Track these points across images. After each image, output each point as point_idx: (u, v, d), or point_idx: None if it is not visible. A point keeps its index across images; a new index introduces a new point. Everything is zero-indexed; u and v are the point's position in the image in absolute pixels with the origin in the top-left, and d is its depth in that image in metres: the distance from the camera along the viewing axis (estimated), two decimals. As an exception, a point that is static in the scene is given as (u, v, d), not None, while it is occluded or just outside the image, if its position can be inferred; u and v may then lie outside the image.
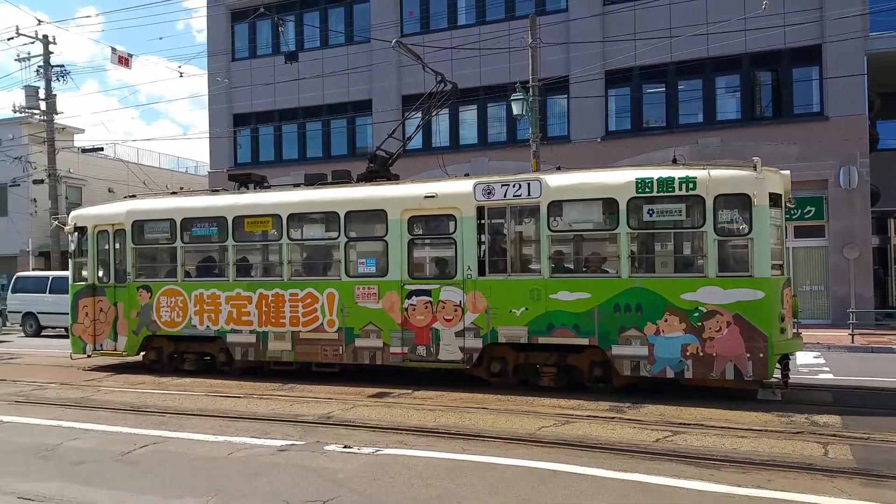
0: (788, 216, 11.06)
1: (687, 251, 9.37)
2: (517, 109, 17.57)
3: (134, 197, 13.48)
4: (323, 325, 10.70)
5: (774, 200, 8.77)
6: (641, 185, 8.92)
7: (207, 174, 27.72)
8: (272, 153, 26.00)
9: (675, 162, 9.51)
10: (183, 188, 16.07)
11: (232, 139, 26.33)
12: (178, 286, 11.75)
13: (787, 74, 19.41)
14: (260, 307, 11.12)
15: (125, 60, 24.62)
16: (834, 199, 18.52)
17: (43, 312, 21.30)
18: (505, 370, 9.95)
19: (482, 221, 9.86)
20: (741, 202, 8.62)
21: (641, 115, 21.02)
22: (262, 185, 12.51)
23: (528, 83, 17.77)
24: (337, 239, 10.72)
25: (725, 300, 8.54)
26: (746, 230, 8.59)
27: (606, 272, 9.39)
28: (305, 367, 11.16)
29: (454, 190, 10.06)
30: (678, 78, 20.33)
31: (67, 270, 14.00)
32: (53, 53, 25.58)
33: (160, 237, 12.20)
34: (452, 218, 9.97)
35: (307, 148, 25.42)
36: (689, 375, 8.77)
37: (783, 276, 8.95)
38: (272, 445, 6.95)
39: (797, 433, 7.15)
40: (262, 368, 11.67)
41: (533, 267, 9.80)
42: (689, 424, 7.57)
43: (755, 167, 8.61)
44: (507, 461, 6.19)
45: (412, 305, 10.13)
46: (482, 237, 9.90)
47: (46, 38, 25.35)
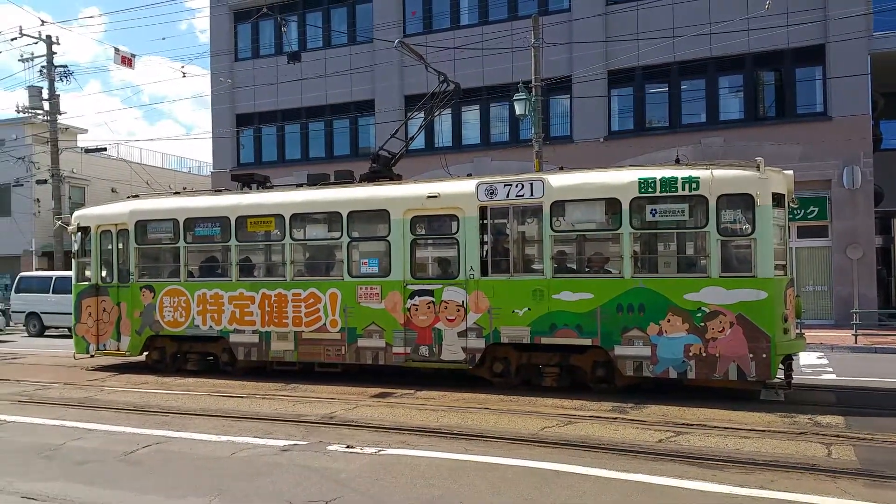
0: (792, 216, 11.07)
1: (690, 251, 9.36)
2: (520, 109, 17.56)
3: (137, 197, 13.52)
4: (326, 325, 10.71)
5: (777, 200, 8.76)
6: (644, 185, 8.91)
7: (210, 174, 27.74)
8: (275, 153, 26.03)
9: (678, 162, 9.50)
10: (186, 188, 16.08)
11: (235, 139, 26.36)
12: (181, 286, 11.77)
13: (790, 74, 19.38)
14: (263, 307, 11.14)
15: (128, 61, 24.67)
16: (837, 199, 18.49)
17: (46, 312, 21.35)
18: (507, 370, 9.95)
19: (485, 221, 9.86)
20: (744, 202, 8.61)
21: (644, 115, 21.00)
22: (264, 185, 12.53)
23: (530, 83, 17.77)
24: (339, 239, 10.73)
25: (728, 300, 8.53)
26: (749, 230, 8.58)
27: (609, 272, 9.38)
28: (308, 367, 11.18)
29: (457, 190, 10.06)
30: (681, 78, 20.31)
31: (71, 270, 14.01)
32: (57, 54, 25.67)
33: (163, 237, 12.22)
34: (455, 218, 9.97)
35: (310, 148, 25.44)
36: (692, 376, 8.77)
37: (786, 276, 8.93)
38: (275, 445, 6.96)
39: (800, 434, 7.14)
40: (264, 368, 11.69)
41: (535, 267, 9.79)
42: (692, 425, 7.57)
43: (758, 167, 8.59)
44: (509, 461, 6.19)
45: (415, 305, 10.13)
46: (485, 237, 9.89)
47: (50, 38, 25.41)
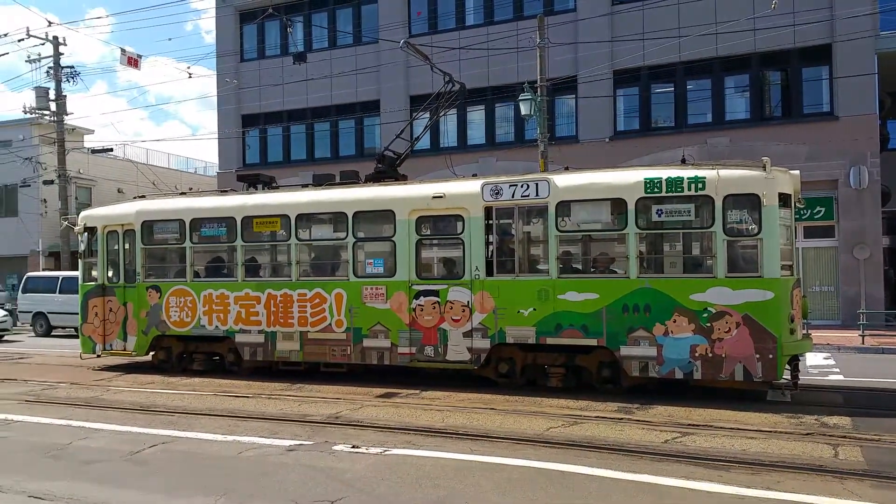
0: (798, 216, 11.02)
1: (696, 251, 9.33)
2: (525, 109, 17.56)
3: (143, 197, 13.54)
4: (331, 325, 10.72)
5: (784, 200, 8.73)
6: (650, 185, 8.89)
7: (216, 175, 27.82)
8: (280, 154, 26.09)
9: (683, 162, 9.48)
10: (192, 189, 16.12)
11: (240, 140, 26.42)
12: (187, 286, 11.80)
13: (796, 74, 19.31)
14: (268, 307, 11.15)
15: (134, 61, 24.72)
16: (844, 199, 18.42)
17: (53, 312, 21.42)
18: (513, 371, 9.94)
19: (490, 222, 9.85)
20: (750, 202, 8.58)
21: (650, 115, 20.97)
22: (270, 185, 12.55)
23: (536, 83, 17.75)
24: (345, 239, 10.74)
25: (735, 301, 8.50)
26: (756, 230, 8.55)
27: (615, 272, 9.36)
28: (314, 367, 11.19)
29: (462, 190, 10.06)
30: (687, 78, 20.26)
31: (77, 270, 14.06)
32: (63, 55, 25.73)
33: (169, 237, 12.26)
34: (460, 218, 9.97)
35: (315, 148, 25.48)
36: (698, 376, 8.75)
37: (793, 276, 8.90)
38: (281, 445, 6.97)
39: (807, 434, 7.11)
40: (270, 368, 11.71)
41: (541, 267, 9.78)
42: (698, 425, 7.55)
43: (764, 167, 8.57)
44: (515, 462, 6.19)
45: (420, 306, 10.14)
46: (490, 237, 9.89)
47: (56, 39, 25.50)
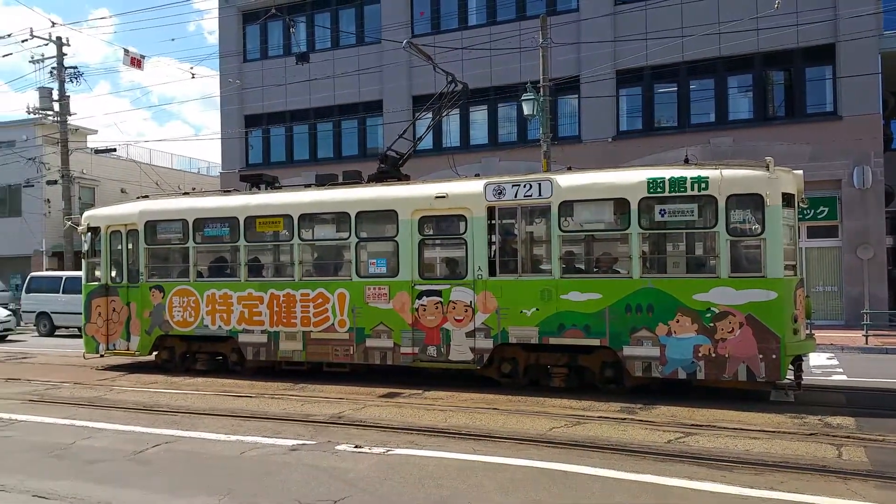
0: (801, 216, 11.00)
1: (699, 251, 9.32)
2: (528, 109, 17.55)
3: (146, 197, 13.57)
4: (334, 325, 10.73)
5: (787, 200, 8.72)
6: (653, 185, 8.88)
7: (219, 175, 27.85)
8: (283, 154, 26.09)
9: (686, 162, 9.47)
10: (195, 189, 16.16)
11: (243, 140, 26.44)
12: (190, 286, 11.82)
13: (799, 74, 19.27)
14: (271, 307, 11.16)
15: (138, 62, 24.76)
16: (847, 199, 18.38)
17: (56, 312, 21.46)
18: (515, 371, 9.94)
19: (493, 222, 9.85)
20: (754, 202, 8.57)
21: (653, 114, 20.93)
22: (273, 185, 12.57)
23: (538, 83, 17.74)
24: (348, 239, 10.74)
25: (738, 301, 8.49)
26: (759, 230, 8.54)
27: (618, 272, 9.36)
28: (317, 366, 11.20)
29: (465, 190, 10.06)
30: (690, 77, 20.22)
31: (80, 270, 14.09)
32: (67, 55, 25.78)
33: (172, 237, 12.27)
34: (463, 218, 9.96)
35: (318, 148, 25.49)
36: (701, 376, 8.73)
37: (796, 276, 8.89)
38: (284, 445, 6.98)
39: (810, 435, 7.10)
40: (273, 368, 11.72)
41: (544, 267, 9.77)
42: (701, 426, 7.54)
43: (768, 167, 8.56)
44: (517, 462, 6.18)
45: (423, 306, 10.14)
46: (493, 237, 9.88)
47: (60, 39, 25.54)
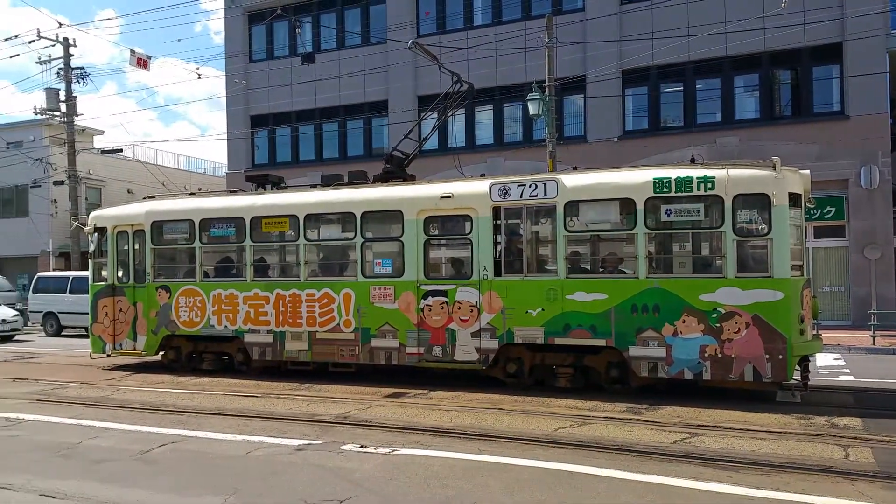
0: (808, 216, 10.97)
1: (705, 252, 9.30)
2: (533, 109, 17.52)
3: (153, 198, 13.60)
4: (339, 325, 10.74)
5: (794, 200, 8.69)
6: (659, 185, 8.86)
7: (225, 175, 27.90)
8: (289, 154, 26.12)
9: (693, 162, 9.45)
10: (201, 189, 16.16)
11: (249, 140, 26.49)
12: (196, 286, 11.85)
13: (806, 73, 19.20)
14: (277, 307, 11.19)
15: (144, 62, 24.82)
16: (854, 198, 18.30)
17: (63, 312, 21.53)
18: (521, 371, 9.93)
19: (498, 222, 9.84)
20: (760, 202, 8.55)
21: (659, 114, 20.88)
22: (279, 185, 12.59)
23: (544, 83, 17.71)
24: (353, 239, 10.75)
25: (744, 301, 8.46)
26: (765, 230, 8.52)
27: (623, 273, 9.34)
28: (322, 366, 11.22)
29: (470, 190, 10.05)
30: (696, 77, 20.17)
31: (87, 271, 14.13)
32: (73, 56, 25.84)
33: (179, 238, 12.31)
34: (468, 218, 9.96)
35: (324, 149, 25.51)
36: (707, 377, 8.71)
37: (803, 276, 8.86)
38: (290, 445, 6.99)
39: (817, 435, 7.08)
40: (279, 368, 11.74)
41: (549, 267, 9.76)
42: (707, 426, 7.52)
43: (774, 167, 8.53)
44: (523, 462, 6.18)
45: (428, 306, 10.14)
46: (498, 237, 9.88)
47: (67, 40, 25.63)
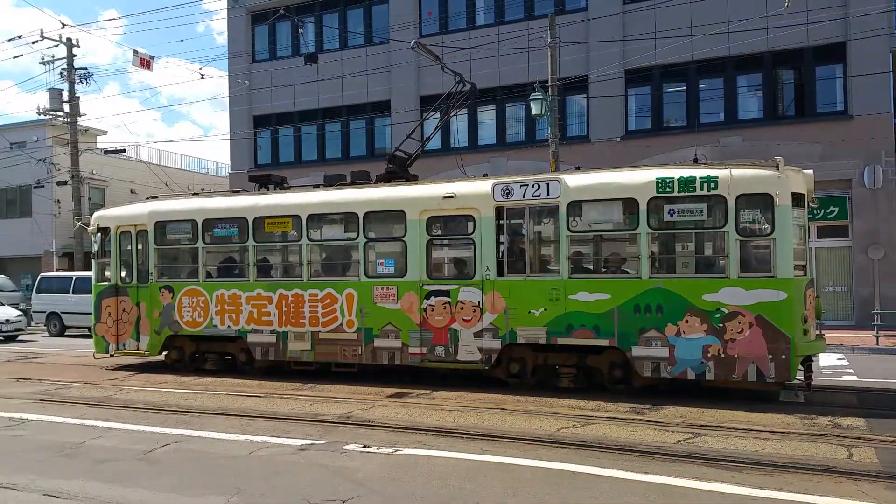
0: (811, 216, 10.93)
1: (708, 251, 9.29)
2: (536, 109, 17.51)
3: (156, 198, 13.62)
4: (342, 325, 10.75)
5: (797, 200, 8.67)
6: (662, 184, 8.85)
7: (228, 175, 27.94)
8: (292, 154, 26.15)
9: (696, 161, 9.43)
10: (204, 189, 16.18)
11: (252, 140, 26.53)
12: (199, 286, 11.86)
13: (810, 73, 19.16)
14: (280, 307, 11.19)
15: (147, 63, 24.86)
16: (858, 198, 18.26)
17: (66, 312, 21.58)
18: (524, 371, 9.93)
19: (501, 222, 9.84)
20: (763, 202, 8.53)
21: (662, 114, 20.86)
22: (282, 185, 12.60)
23: (547, 83, 17.71)
24: (356, 239, 10.76)
25: (747, 301, 8.45)
26: (769, 230, 8.50)
27: (626, 273, 9.33)
28: (325, 366, 11.22)
29: (473, 190, 10.05)
30: (699, 77, 20.14)
31: (90, 271, 14.16)
32: (77, 56, 25.91)
33: (182, 238, 12.33)
34: (471, 218, 9.96)
35: (326, 149, 25.54)
36: (710, 377, 8.70)
37: (806, 276, 8.84)
38: (293, 444, 6.99)
39: (820, 435, 7.06)
40: (282, 368, 11.75)
41: (552, 267, 9.77)
42: (710, 426, 7.51)
43: (777, 167, 8.52)
44: (526, 462, 6.18)
45: (431, 306, 10.14)
46: (501, 238, 9.88)
47: (70, 41, 25.67)
